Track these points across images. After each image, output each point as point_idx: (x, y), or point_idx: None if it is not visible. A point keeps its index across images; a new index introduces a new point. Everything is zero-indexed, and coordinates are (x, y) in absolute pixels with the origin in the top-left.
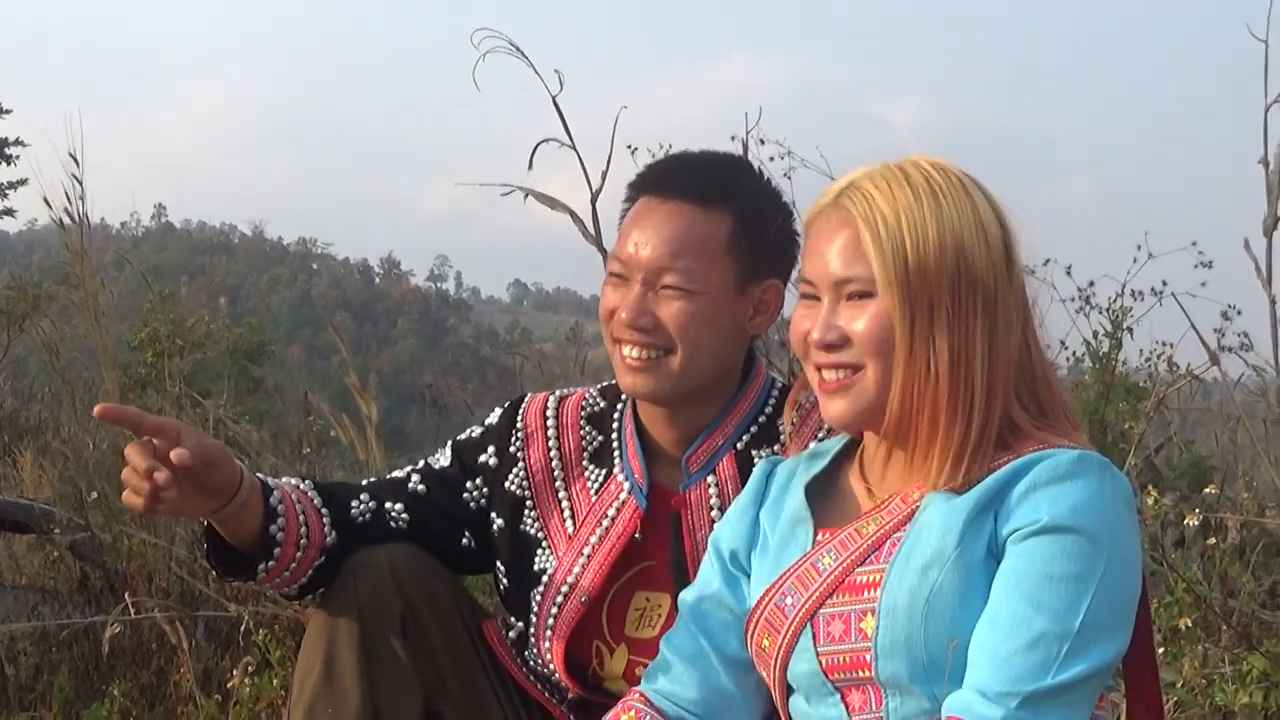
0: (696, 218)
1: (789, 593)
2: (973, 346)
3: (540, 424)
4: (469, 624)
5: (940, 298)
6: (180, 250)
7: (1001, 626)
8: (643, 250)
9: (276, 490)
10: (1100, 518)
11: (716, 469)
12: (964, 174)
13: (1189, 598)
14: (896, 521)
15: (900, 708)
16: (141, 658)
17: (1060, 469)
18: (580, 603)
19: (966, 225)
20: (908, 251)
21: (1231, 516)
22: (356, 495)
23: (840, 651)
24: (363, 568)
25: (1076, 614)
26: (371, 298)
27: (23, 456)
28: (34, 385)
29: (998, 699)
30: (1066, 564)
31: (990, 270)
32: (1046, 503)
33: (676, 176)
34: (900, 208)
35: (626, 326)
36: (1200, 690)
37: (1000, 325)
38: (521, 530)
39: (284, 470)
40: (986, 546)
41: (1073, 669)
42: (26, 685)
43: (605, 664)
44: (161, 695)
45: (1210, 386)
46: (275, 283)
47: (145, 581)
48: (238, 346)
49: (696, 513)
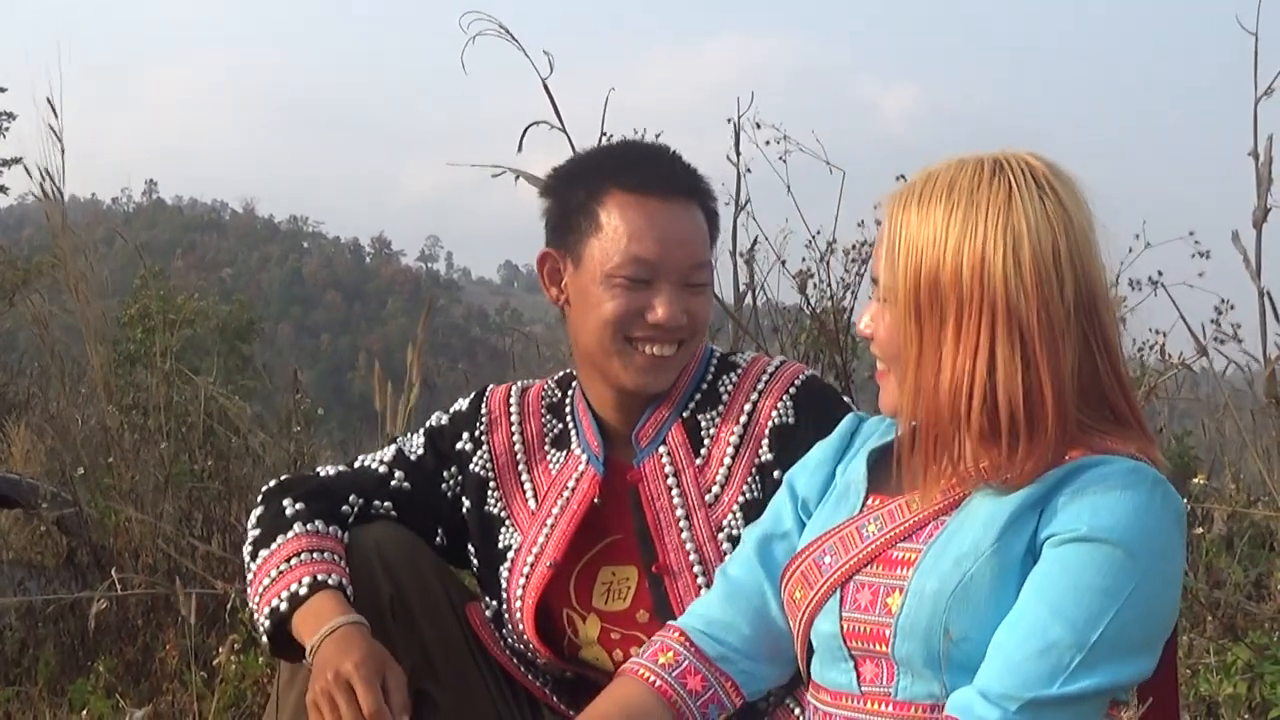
0: (696, 213)
1: (829, 551)
2: (977, 369)
3: (504, 411)
4: (455, 604)
5: (947, 314)
6: (171, 227)
7: (1018, 630)
8: (678, 250)
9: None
10: (1142, 534)
11: (667, 439)
12: (1025, 175)
13: None
14: (946, 504)
15: (910, 687)
16: (127, 634)
17: (1111, 478)
18: (546, 568)
19: (993, 243)
20: (921, 268)
21: (1219, 507)
22: (345, 498)
23: (863, 621)
24: (350, 549)
25: (1095, 628)
26: (362, 277)
27: (12, 430)
28: (23, 360)
29: (998, 700)
30: (1096, 575)
31: (1019, 289)
32: (1089, 511)
33: (665, 174)
34: (926, 220)
35: (673, 326)
36: (1185, 681)
37: (1035, 342)
38: (486, 511)
39: (271, 448)
40: (1026, 546)
41: (1080, 682)
42: (12, 660)
43: (579, 631)
44: (147, 671)
45: (1199, 377)
46: (266, 261)
47: (132, 558)
48: (228, 324)
49: (653, 483)
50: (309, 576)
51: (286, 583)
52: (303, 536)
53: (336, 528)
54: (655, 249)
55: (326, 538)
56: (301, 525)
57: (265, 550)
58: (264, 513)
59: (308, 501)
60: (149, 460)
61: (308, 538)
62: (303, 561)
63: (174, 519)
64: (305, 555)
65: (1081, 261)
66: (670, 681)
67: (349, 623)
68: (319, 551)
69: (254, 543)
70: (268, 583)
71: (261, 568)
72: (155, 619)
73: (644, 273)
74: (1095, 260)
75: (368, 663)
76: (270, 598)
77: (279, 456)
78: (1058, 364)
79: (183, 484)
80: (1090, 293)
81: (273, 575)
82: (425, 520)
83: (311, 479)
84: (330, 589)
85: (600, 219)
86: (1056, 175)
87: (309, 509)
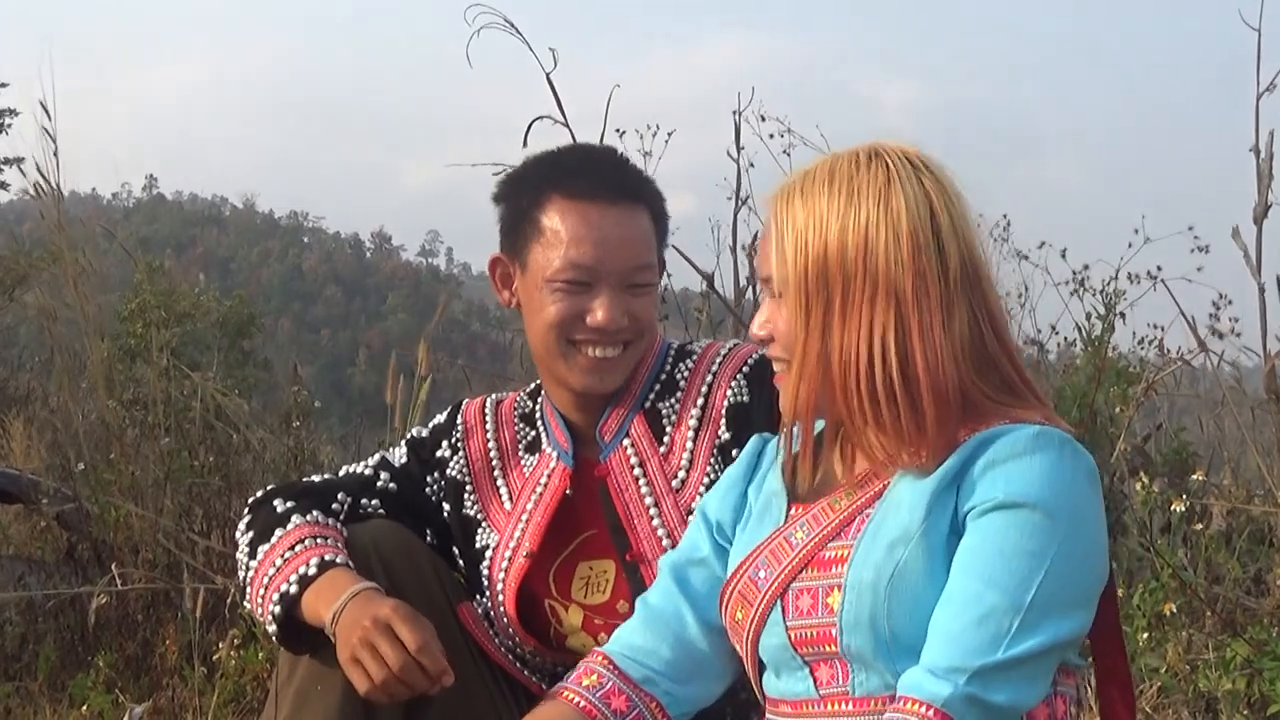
0: (639, 215)
1: (762, 565)
2: (860, 343)
3: (479, 420)
4: (451, 602)
5: (834, 295)
6: (171, 222)
7: (954, 603)
8: (616, 253)
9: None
10: (1057, 493)
11: (630, 431)
12: (900, 159)
13: (1174, 584)
14: (867, 498)
15: (865, 682)
16: (128, 629)
17: (1019, 444)
18: (524, 558)
19: (875, 223)
20: (808, 255)
21: (1217, 503)
22: (335, 496)
23: (808, 625)
24: (347, 545)
25: (1028, 589)
26: (362, 272)
27: (12, 425)
28: (23, 355)
29: (946, 675)
30: (1020, 539)
31: (900, 263)
32: (1004, 479)
33: (606, 178)
34: (811, 211)
35: (613, 329)
36: (1184, 676)
37: (920, 314)
38: (463, 514)
39: (271, 444)
40: (950, 523)
41: (1023, 644)
42: (12, 655)
43: (563, 620)
44: (147, 666)
45: (1199, 372)
46: (266, 256)
47: (132, 553)
48: (228, 319)
49: (620, 476)
50: (316, 558)
51: (294, 567)
52: (303, 526)
53: (334, 521)
54: (593, 253)
55: (328, 527)
56: (300, 517)
57: (265, 545)
58: (255, 517)
59: (299, 499)
60: (149, 456)
61: (308, 527)
62: (307, 547)
63: (174, 514)
64: (309, 541)
65: (962, 235)
66: (595, 702)
67: (368, 587)
68: (322, 538)
69: (251, 542)
70: (273, 572)
71: (264, 560)
72: (155, 614)
73: (583, 276)
74: (975, 235)
75: (402, 607)
76: (279, 583)
77: (279, 451)
78: (935, 336)
79: (182, 479)
80: (973, 265)
81: (277, 564)
82: (413, 520)
83: (297, 484)
84: (339, 566)
85: (542, 224)
86: (929, 160)
87: (302, 504)
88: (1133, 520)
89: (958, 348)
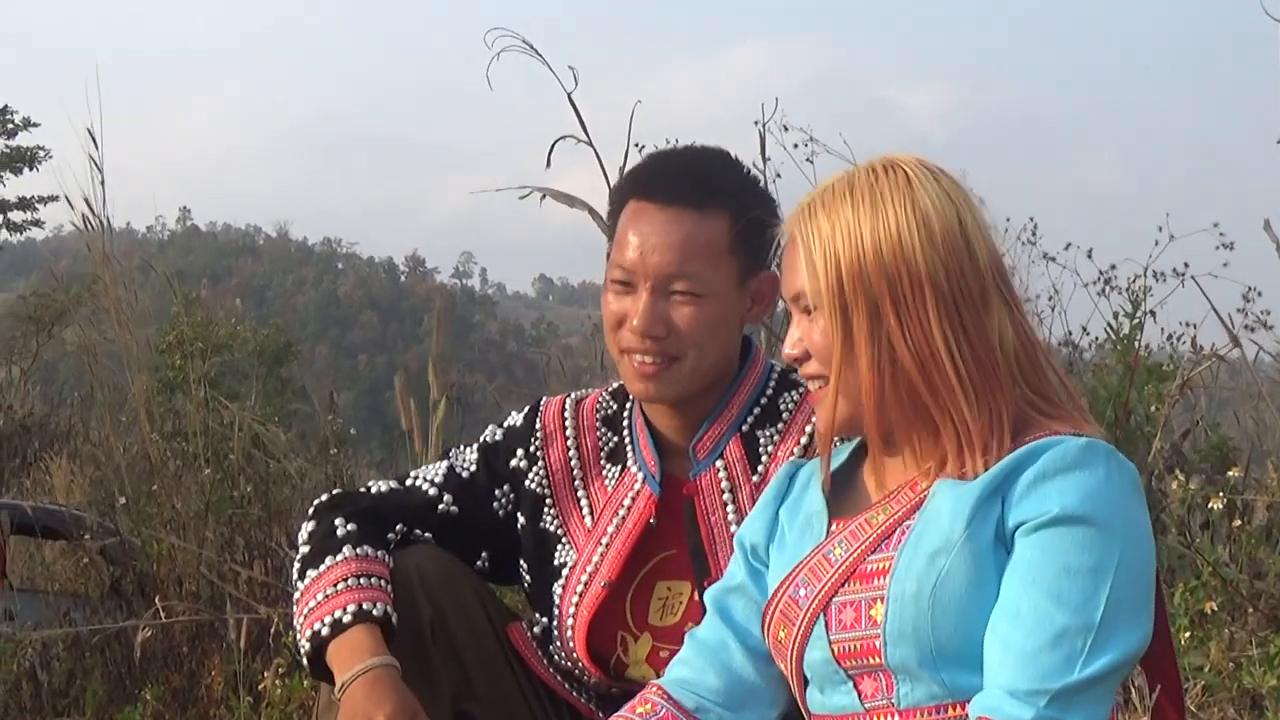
0: (698, 222)
1: (802, 584)
2: (934, 339)
3: (559, 425)
4: (495, 625)
5: (881, 300)
6: (206, 253)
7: (1024, 622)
8: (650, 258)
9: (394, 616)
10: (1111, 506)
11: (724, 453)
12: (917, 166)
13: (1215, 581)
14: (906, 509)
15: (911, 693)
16: (173, 661)
17: (1068, 458)
18: (601, 587)
19: (905, 223)
20: (840, 264)
21: (1259, 498)
22: (393, 524)
23: (852, 639)
24: (392, 572)
25: (1097, 606)
26: (397, 296)
27: (54, 461)
28: (63, 390)
29: (1026, 698)
30: (1082, 556)
31: (938, 261)
32: (1056, 493)
33: (670, 180)
34: (836, 221)
35: (641, 334)
36: (1228, 674)
37: (966, 310)
38: (541, 527)
39: (311, 473)
40: (994, 532)
41: (1098, 662)
42: (60, 691)
43: (630, 650)
44: (194, 698)
45: (1236, 367)
46: (301, 283)
47: (175, 585)
48: (265, 348)
49: (709, 497)
50: (354, 604)
51: (331, 608)
52: (351, 560)
53: (384, 552)
54: (631, 255)
55: (375, 562)
56: (351, 548)
57: (313, 571)
58: (315, 529)
59: (359, 522)
60: (190, 487)
61: (357, 561)
62: (349, 587)
63: (216, 545)
64: (353, 580)
65: (986, 235)
66: None
67: (380, 665)
68: (367, 576)
69: (302, 560)
70: (313, 605)
71: (309, 589)
72: (200, 645)
73: (623, 276)
74: (995, 237)
75: (399, 716)
76: (314, 621)
77: (317, 480)
78: (985, 331)
79: (223, 510)
80: (1000, 265)
81: (319, 599)
82: (469, 544)
83: (364, 497)
84: (372, 621)
85: (616, 225)
86: (944, 167)
87: (360, 531)
88: (1171, 519)
89: (995, 342)
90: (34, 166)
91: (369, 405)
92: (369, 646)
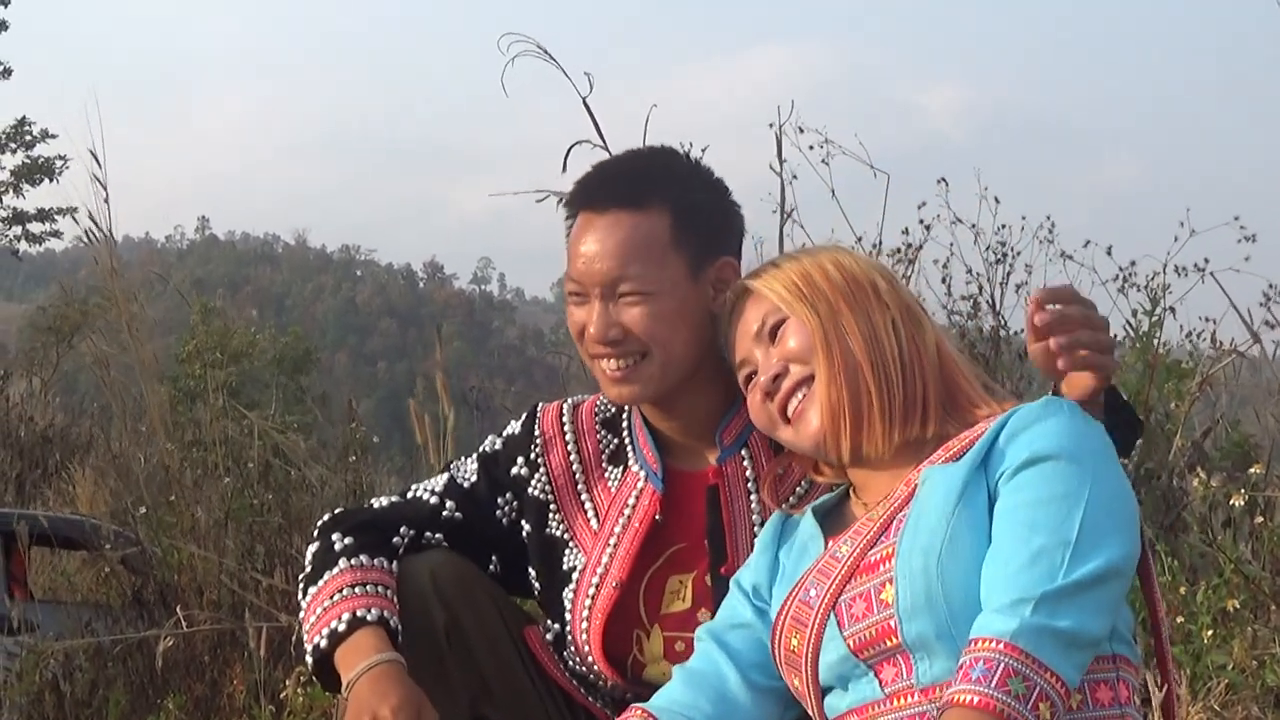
0: (636, 221)
1: (812, 585)
2: (889, 328)
3: (558, 430)
4: (511, 629)
5: (837, 301)
6: (225, 262)
7: (1003, 551)
8: (594, 265)
9: (394, 617)
10: (1077, 439)
11: (749, 442)
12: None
13: (1238, 579)
14: (900, 501)
15: (930, 669)
16: (195, 670)
17: (1033, 412)
18: (613, 588)
19: (844, 257)
20: (797, 281)
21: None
22: (396, 529)
23: (866, 627)
24: (404, 578)
25: (1073, 524)
26: (416, 303)
27: (76, 472)
28: (83, 401)
29: (1011, 609)
30: (1054, 485)
31: (874, 278)
32: (1026, 442)
33: (605, 185)
34: (783, 270)
35: (597, 342)
36: (1251, 672)
37: (902, 314)
38: (547, 534)
39: (330, 480)
40: (987, 497)
41: (1081, 568)
42: (83, 701)
43: (645, 648)
44: (216, 706)
45: (1257, 363)
46: (320, 291)
47: (196, 594)
48: (284, 356)
49: (733, 484)
50: (348, 613)
51: (328, 620)
52: (347, 571)
53: (384, 559)
54: (579, 265)
55: (371, 570)
56: (346, 560)
57: (313, 587)
58: (317, 548)
59: (356, 534)
60: (210, 496)
61: (352, 572)
62: (345, 597)
63: (236, 554)
64: (348, 590)
65: (905, 289)
66: None
67: (384, 661)
68: (362, 585)
69: (304, 579)
70: (314, 620)
71: (310, 605)
72: (222, 654)
73: (576, 288)
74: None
75: (405, 708)
76: (314, 635)
77: (337, 488)
78: (926, 336)
79: (243, 519)
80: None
81: (318, 613)
82: (478, 549)
83: (363, 512)
84: (369, 625)
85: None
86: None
87: (356, 542)
88: (1193, 516)
89: (932, 343)
90: (53, 178)
91: (389, 412)
92: (372, 645)
